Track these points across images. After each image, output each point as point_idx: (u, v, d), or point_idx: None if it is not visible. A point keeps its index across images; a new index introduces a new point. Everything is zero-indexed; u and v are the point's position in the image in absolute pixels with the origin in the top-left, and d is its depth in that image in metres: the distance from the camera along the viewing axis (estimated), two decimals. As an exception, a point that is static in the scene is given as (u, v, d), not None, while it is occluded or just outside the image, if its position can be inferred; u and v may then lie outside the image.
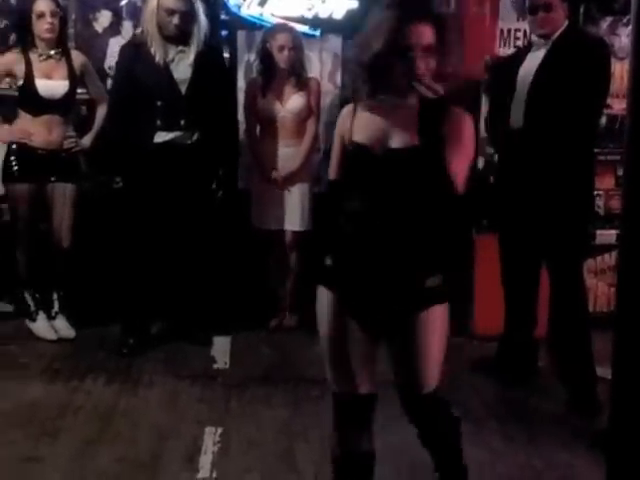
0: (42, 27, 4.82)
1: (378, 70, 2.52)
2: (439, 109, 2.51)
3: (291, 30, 5.17)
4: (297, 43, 5.13)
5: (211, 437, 3.77)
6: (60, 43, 4.93)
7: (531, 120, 4.28)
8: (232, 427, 3.89)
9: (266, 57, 5.13)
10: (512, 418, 4.13)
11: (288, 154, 5.20)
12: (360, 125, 2.62)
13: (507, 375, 4.56)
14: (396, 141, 2.56)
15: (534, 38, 4.48)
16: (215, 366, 4.71)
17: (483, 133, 5.18)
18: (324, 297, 2.71)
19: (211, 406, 4.14)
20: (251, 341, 5.08)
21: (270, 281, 5.40)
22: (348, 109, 2.69)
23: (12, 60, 4.91)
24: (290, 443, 3.79)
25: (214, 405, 4.16)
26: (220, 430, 3.84)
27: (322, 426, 3.91)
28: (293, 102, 5.17)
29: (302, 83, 5.19)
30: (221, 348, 4.93)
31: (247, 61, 5.54)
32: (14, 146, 4.92)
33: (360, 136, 2.60)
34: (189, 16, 4.66)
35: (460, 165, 2.54)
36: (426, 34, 2.49)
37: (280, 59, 5.10)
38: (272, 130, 5.21)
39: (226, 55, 5.34)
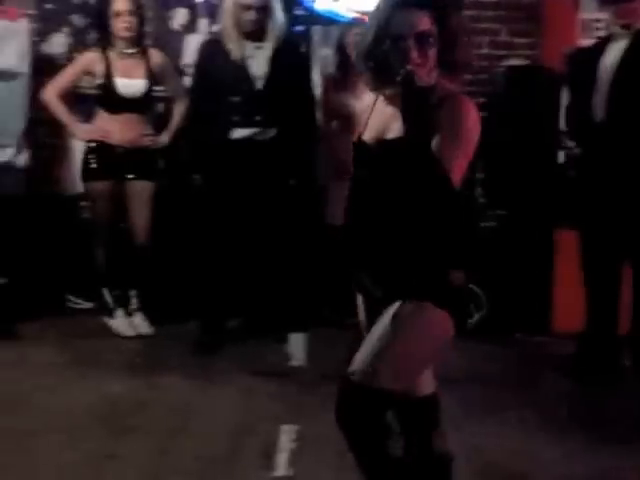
0: (120, 26, 4.87)
1: (374, 60, 2.49)
2: (428, 98, 2.36)
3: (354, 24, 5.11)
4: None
5: (287, 435, 3.75)
6: (138, 41, 4.98)
7: (614, 113, 4.17)
8: (308, 424, 3.87)
9: (342, 52, 5.10)
10: (592, 418, 4.05)
11: None
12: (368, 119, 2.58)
13: (587, 374, 4.46)
14: (391, 133, 2.49)
15: (615, 29, 4.36)
16: (291, 363, 4.71)
17: (563, 126, 5.08)
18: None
19: (287, 403, 4.12)
20: (327, 338, 5.07)
21: (346, 277, 5.36)
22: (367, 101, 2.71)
23: (92, 59, 4.97)
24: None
25: (290, 402, 4.15)
26: (296, 427, 3.82)
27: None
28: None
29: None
30: (297, 345, 4.92)
31: (322, 57, 5.52)
32: (93, 144, 4.97)
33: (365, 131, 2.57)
34: (265, 11, 4.65)
35: (454, 158, 2.34)
36: (421, 21, 2.39)
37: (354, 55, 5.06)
38: (348, 126, 5.17)
39: (302, 50, 5.33)
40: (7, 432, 3.72)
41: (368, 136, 2.59)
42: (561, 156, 5.15)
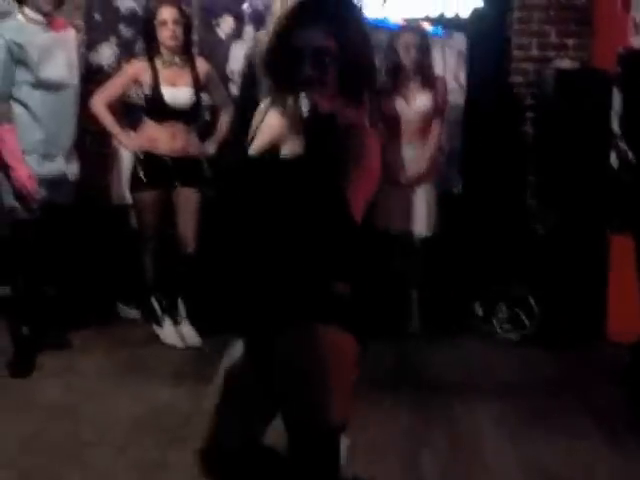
0: (165, 35, 4.89)
1: (273, 69, 2.29)
2: (333, 125, 2.18)
3: (418, 30, 5.09)
4: (423, 43, 5.06)
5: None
6: (184, 50, 4.99)
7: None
8: (356, 433, 3.82)
9: (392, 57, 5.07)
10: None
11: (414, 155, 5.12)
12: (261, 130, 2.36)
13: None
14: (287, 149, 2.26)
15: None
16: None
17: (616, 129, 4.98)
18: None
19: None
20: (374, 346, 5.00)
21: (394, 285, 5.32)
22: (260, 109, 2.42)
23: (139, 68, 4.99)
24: (415, 449, 3.72)
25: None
26: (344, 437, 3.78)
27: (449, 433, 3.89)
28: (419, 102, 5.10)
29: (428, 83, 5.09)
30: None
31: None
32: (141, 154, 4.99)
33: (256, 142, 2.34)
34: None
35: (355, 192, 2.16)
36: (319, 37, 2.20)
37: (405, 59, 5.03)
38: (397, 131, 5.14)
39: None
40: (59, 441, 3.75)
41: (256, 149, 2.34)
42: (614, 159, 5.05)
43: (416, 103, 5.11)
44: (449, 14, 5.40)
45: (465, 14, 5.39)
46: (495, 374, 4.73)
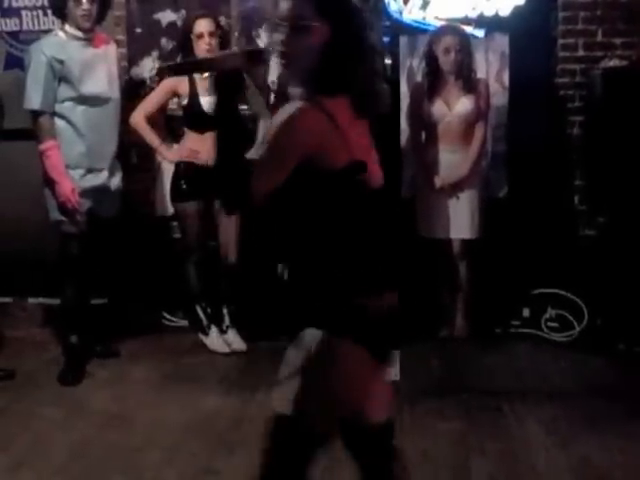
0: (202, 47, 4.91)
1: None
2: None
3: (458, 32, 5.06)
4: (464, 45, 5.01)
5: (386, 450, 3.70)
6: (221, 60, 5.01)
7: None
8: (406, 440, 3.77)
9: (432, 60, 5.05)
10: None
11: (455, 160, 5.09)
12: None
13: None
14: None
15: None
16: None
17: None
18: None
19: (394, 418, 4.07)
20: (421, 352, 4.98)
21: (438, 291, 5.28)
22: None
23: (177, 81, 5.01)
24: (465, 456, 3.68)
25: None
26: (395, 443, 3.76)
27: (499, 439, 3.84)
28: (461, 105, 5.06)
29: (470, 86, 5.06)
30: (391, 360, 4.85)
31: (409, 66, 5.48)
32: (182, 165, 5.02)
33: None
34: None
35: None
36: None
37: (446, 62, 5.01)
38: (438, 135, 5.11)
39: (388, 61, 5.28)
40: (112, 448, 3.79)
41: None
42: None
43: (457, 107, 5.07)
44: (489, 13, 5.32)
45: (505, 12, 5.31)
46: (544, 378, 4.67)
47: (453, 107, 5.08)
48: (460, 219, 5.13)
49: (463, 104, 5.06)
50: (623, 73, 5.22)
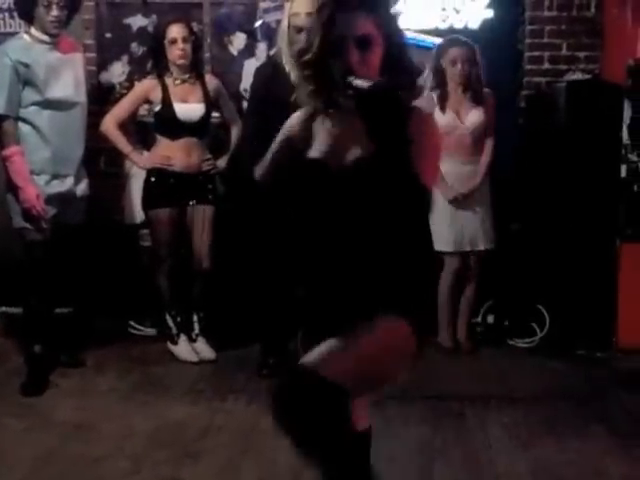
0: (175, 53, 4.90)
1: (318, 71, 2.32)
2: (397, 108, 2.18)
3: (464, 44, 5.06)
4: (470, 56, 5.02)
5: (353, 457, 3.69)
6: (194, 68, 5.00)
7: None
8: (374, 446, 3.79)
9: (438, 73, 5.06)
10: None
11: (466, 171, 5.10)
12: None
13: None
14: (355, 152, 2.30)
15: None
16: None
17: (626, 140, 4.99)
18: None
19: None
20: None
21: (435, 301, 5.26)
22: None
23: (149, 86, 5.00)
24: (430, 461, 3.71)
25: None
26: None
27: (462, 443, 3.89)
28: (472, 117, 5.06)
29: (479, 97, 5.07)
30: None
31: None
32: (154, 172, 4.98)
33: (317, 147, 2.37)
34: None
35: (429, 169, 2.27)
36: (362, 24, 2.25)
37: (453, 73, 5.01)
38: (450, 147, 5.09)
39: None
40: (76, 458, 3.73)
41: (324, 158, 2.36)
42: (623, 170, 5.06)
43: (469, 118, 5.07)
44: (458, 25, 5.37)
45: (474, 25, 5.37)
46: (507, 383, 4.74)
47: (464, 119, 5.07)
48: (473, 231, 5.13)
49: (474, 116, 5.06)
50: (586, 86, 5.30)
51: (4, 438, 3.99)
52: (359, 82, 2.18)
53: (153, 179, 5.00)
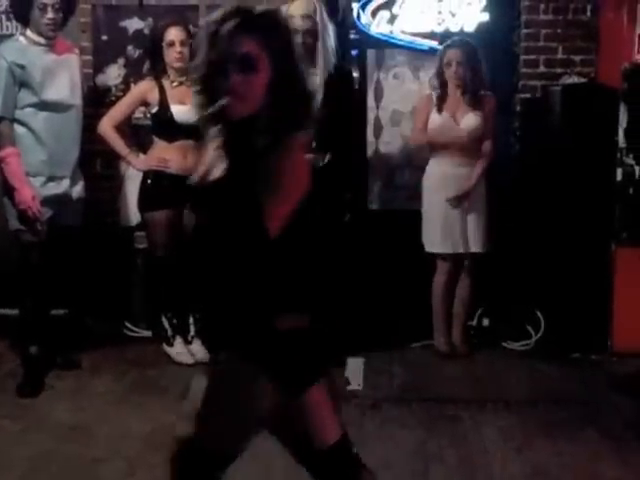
0: (172, 56, 4.91)
1: (202, 86, 2.22)
2: (254, 136, 2.14)
3: (462, 45, 5.06)
4: (468, 59, 5.01)
5: (346, 459, 3.70)
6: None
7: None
8: (367, 448, 3.76)
9: (440, 74, 5.07)
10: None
11: (460, 174, 5.09)
12: None
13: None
14: (216, 172, 2.20)
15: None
16: (349, 387, 4.66)
17: (622, 143, 5.00)
18: None
19: (346, 427, 4.05)
20: (384, 362, 5.02)
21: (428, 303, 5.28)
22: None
23: (147, 88, 5.01)
24: (425, 464, 3.73)
25: (348, 426, 3.97)
26: (354, 451, 3.75)
27: (458, 446, 3.91)
28: (468, 120, 5.06)
29: (476, 101, 5.07)
30: (354, 369, 4.88)
31: (376, 79, 5.51)
32: (151, 174, 4.99)
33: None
34: (313, 35, 4.64)
35: (278, 204, 2.12)
36: (245, 43, 2.13)
37: (449, 75, 5.02)
38: (445, 148, 5.10)
39: (355, 74, 5.31)
40: (71, 460, 3.75)
41: (196, 175, 2.26)
42: (619, 173, 5.07)
43: (464, 121, 5.07)
44: (454, 28, 5.37)
45: (470, 28, 5.38)
46: (502, 386, 4.76)
47: (460, 121, 5.07)
48: (469, 233, 5.13)
49: (470, 118, 5.05)
50: (581, 89, 5.31)
51: (0, 439, 4.00)
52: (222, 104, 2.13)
53: (149, 181, 5.01)
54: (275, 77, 2.17)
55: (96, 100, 5.45)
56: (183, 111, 4.93)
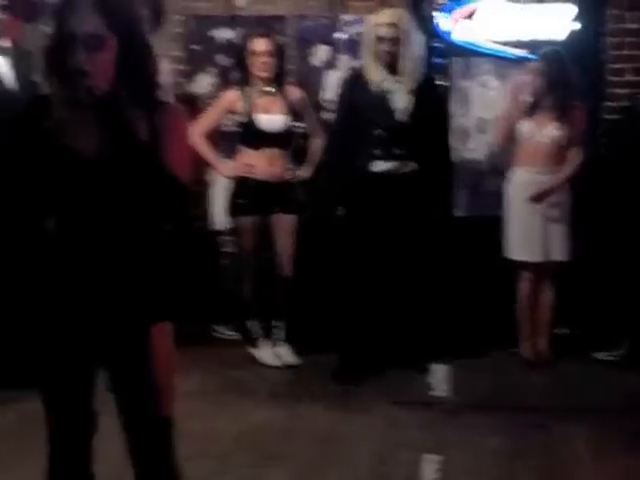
0: (259, 66, 5.01)
1: (55, 65, 2.25)
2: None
3: (546, 57, 5.06)
4: (552, 70, 5.01)
5: (430, 465, 3.74)
6: (277, 80, 5.10)
7: None
8: (451, 455, 3.85)
9: (528, 82, 5.10)
10: None
11: (543, 181, 5.08)
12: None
13: None
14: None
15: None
16: (433, 393, 4.70)
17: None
18: None
19: (430, 434, 4.11)
20: (469, 369, 5.03)
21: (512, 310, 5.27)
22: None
23: (233, 98, 5.13)
24: (509, 473, 3.71)
25: (433, 433, 4.13)
26: (439, 458, 3.80)
27: (543, 456, 3.88)
28: (553, 129, 5.05)
29: (565, 110, 5.05)
30: (439, 375, 4.92)
31: (461, 88, 5.54)
32: (238, 180, 5.11)
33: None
34: (398, 44, 4.70)
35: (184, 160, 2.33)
36: (90, 23, 2.19)
37: (537, 84, 5.04)
38: (527, 156, 5.10)
39: (440, 82, 5.34)
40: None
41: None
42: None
43: (547, 130, 5.06)
44: (541, 37, 5.37)
45: (558, 37, 5.36)
46: (589, 396, 4.70)
47: (546, 130, 5.07)
48: (551, 241, 5.12)
49: (555, 128, 5.04)
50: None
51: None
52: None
53: (237, 188, 5.13)
54: (124, 58, 2.25)
55: (186, 108, 5.57)
56: (268, 120, 5.05)
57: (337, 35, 5.65)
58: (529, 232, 5.08)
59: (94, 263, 2.31)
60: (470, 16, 5.42)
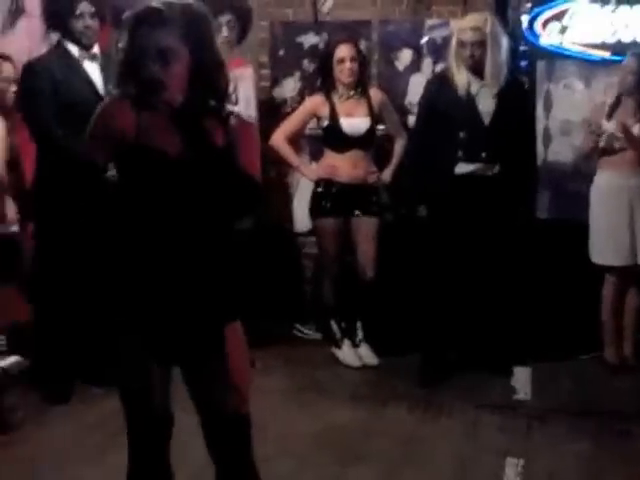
0: (342, 72, 5.07)
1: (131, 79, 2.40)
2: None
3: (635, 55, 4.99)
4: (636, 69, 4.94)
5: (513, 468, 3.73)
6: (359, 84, 5.16)
7: None
8: (534, 459, 3.83)
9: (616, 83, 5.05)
10: None
11: (632, 185, 5.00)
12: None
13: None
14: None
15: None
16: (515, 396, 4.68)
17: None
18: None
19: (512, 437, 4.10)
20: (552, 373, 4.99)
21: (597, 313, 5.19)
22: None
23: (317, 103, 5.21)
24: (593, 479, 3.67)
25: (515, 436, 4.11)
26: (522, 462, 3.79)
27: (627, 462, 3.82)
28: (636, 130, 4.97)
29: None
30: (522, 378, 4.89)
31: (546, 90, 5.50)
32: (322, 183, 5.18)
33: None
34: (483, 47, 4.69)
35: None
36: (165, 38, 2.33)
37: (621, 84, 4.97)
38: (614, 158, 5.04)
39: (526, 85, 5.32)
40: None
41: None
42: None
43: (633, 131, 4.98)
44: (626, 39, 5.30)
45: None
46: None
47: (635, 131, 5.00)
48: (636, 245, 5.02)
49: (636, 129, 4.98)
50: None
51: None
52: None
53: (320, 189, 5.19)
54: (195, 70, 2.37)
55: (272, 112, 5.69)
56: (352, 123, 5.11)
57: (421, 39, 5.65)
58: (615, 236, 5.01)
59: (172, 261, 2.41)
60: (556, 19, 5.37)
